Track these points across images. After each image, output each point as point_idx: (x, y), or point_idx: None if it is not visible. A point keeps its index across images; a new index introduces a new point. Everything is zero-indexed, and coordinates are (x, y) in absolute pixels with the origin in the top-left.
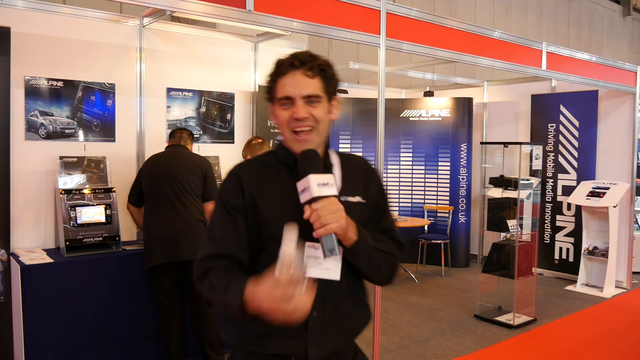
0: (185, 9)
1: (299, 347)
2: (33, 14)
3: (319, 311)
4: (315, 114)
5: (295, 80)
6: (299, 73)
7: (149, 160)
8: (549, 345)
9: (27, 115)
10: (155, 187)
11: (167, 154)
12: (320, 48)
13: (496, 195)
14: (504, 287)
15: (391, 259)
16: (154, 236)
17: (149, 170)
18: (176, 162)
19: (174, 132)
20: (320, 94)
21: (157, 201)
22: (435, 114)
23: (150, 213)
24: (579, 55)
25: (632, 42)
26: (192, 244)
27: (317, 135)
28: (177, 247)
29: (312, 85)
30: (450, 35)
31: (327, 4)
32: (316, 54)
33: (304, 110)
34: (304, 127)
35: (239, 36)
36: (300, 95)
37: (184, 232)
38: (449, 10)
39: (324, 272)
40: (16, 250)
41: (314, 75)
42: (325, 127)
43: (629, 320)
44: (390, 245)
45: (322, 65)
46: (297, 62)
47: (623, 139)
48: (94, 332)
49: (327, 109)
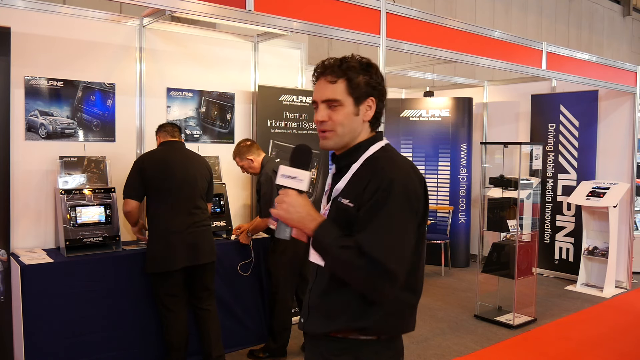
0: (185, 9)
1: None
2: (33, 14)
3: (310, 290)
4: (334, 117)
5: (319, 87)
6: (323, 80)
7: (155, 155)
8: (549, 345)
9: (27, 115)
10: (170, 187)
11: (175, 153)
12: (320, 48)
13: (496, 195)
14: (504, 287)
15: (352, 269)
16: (172, 240)
17: (158, 166)
18: (192, 164)
19: (165, 126)
20: (339, 98)
21: (174, 203)
22: (435, 114)
23: (162, 215)
24: (579, 55)
25: (632, 42)
26: (209, 247)
27: (336, 137)
28: (197, 251)
29: (331, 91)
30: (450, 35)
31: (327, 4)
32: (351, 58)
33: (323, 114)
34: (323, 129)
35: (239, 36)
36: (321, 99)
37: (203, 235)
38: (449, 10)
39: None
40: (16, 250)
41: (336, 81)
42: (350, 129)
43: (629, 320)
44: (350, 254)
45: (348, 69)
46: (322, 69)
47: (623, 139)
48: (94, 332)
49: (352, 112)
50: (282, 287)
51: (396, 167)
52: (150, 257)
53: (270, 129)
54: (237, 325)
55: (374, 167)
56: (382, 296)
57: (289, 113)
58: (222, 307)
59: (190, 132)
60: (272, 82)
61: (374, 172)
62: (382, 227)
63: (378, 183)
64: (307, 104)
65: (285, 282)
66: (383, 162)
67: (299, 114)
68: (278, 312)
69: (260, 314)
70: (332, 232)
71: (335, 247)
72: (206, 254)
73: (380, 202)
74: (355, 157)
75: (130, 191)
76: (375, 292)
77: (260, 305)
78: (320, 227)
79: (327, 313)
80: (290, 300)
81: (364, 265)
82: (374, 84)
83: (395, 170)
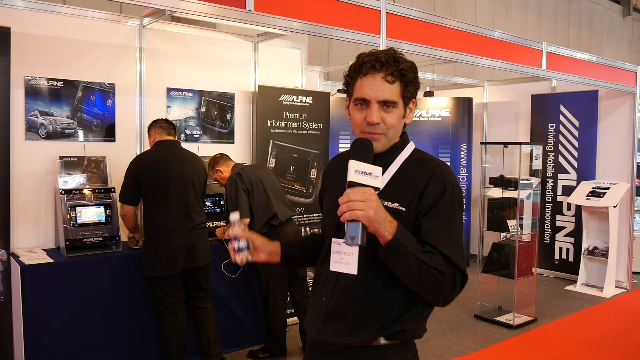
0: (185, 9)
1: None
2: (33, 14)
3: (328, 298)
4: (388, 120)
5: (374, 84)
6: (379, 76)
7: (151, 157)
8: (549, 345)
9: (27, 115)
10: (168, 189)
11: (172, 154)
12: (320, 48)
13: (496, 195)
14: (504, 287)
15: (437, 275)
16: (171, 243)
17: (155, 169)
18: (189, 165)
19: (160, 122)
20: (396, 100)
21: (171, 205)
22: (435, 114)
23: (160, 217)
24: (579, 55)
25: (632, 42)
26: (205, 249)
27: (385, 140)
28: (195, 253)
29: (389, 91)
30: (450, 35)
31: (327, 4)
32: (399, 55)
33: (378, 115)
34: (374, 132)
35: (239, 36)
36: (376, 99)
37: (200, 237)
38: (449, 10)
39: (344, 266)
40: (16, 250)
41: (394, 80)
42: (397, 131)
43: (629, 320)
44: (438, 261)
45: (404, 69)
46: (379, 64)
47: (623, 139)
48: (94, 332)
49: (401, 114)
50: (272, 288)
51: (449, 171)
52: (149, 259)
53: (270, 129)
54: (237, 325)
55: (428, 171)
56: (450, 300)
57: (289, 113)
58: (222, 308)
59: (190, 132)
60: (272, 82)
61: (431, 177)
62: (452, 232)
63: (441, 189)
64: (307, 104)
65: (275, 283)
66: (434, 166)
67: (299, 114)
68: (272, 314)
69: (259, 314)
70: (410, 235)
71: (419, 252)
72: (203, 256)
73: (447, 207)
74: (391, 158)
75: (126, 195)
76: (450, 296)
77: (260, 305)
78: (401, 230)
79: (356, 322)
80: (282, 301)
81: (449, 272)
82: (417, 85)
83: (451, 174)
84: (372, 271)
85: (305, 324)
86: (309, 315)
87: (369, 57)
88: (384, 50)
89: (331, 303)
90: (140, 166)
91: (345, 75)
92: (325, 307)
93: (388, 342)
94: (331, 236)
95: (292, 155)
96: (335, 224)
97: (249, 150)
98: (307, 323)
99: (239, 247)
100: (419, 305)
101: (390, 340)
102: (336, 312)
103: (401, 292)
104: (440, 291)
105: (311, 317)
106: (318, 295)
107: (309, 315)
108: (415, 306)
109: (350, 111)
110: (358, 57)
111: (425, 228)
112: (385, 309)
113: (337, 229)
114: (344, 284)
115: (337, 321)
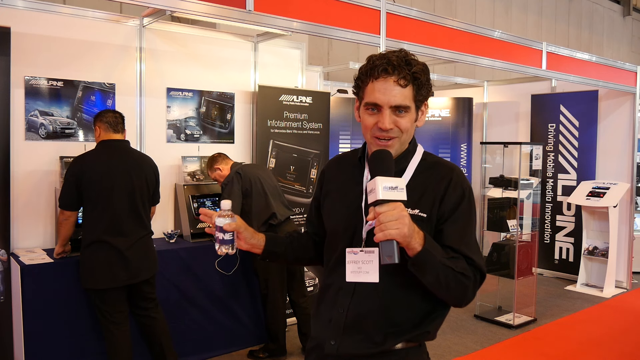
0: (185, 9)
1: (325, 334)
2: (33, 14)
3: (345, 309)
4: (401, 125)
5: (386, 88)
6: (392, 80)
7: (94, 160)
8: (549, 345)
9: (27, 115)
10: (110, 197)
11: (117, 157)
12: (320, 48)
13: (496, 195)
14: (504, 287)
15: (463, 279)
16: (110, 256)
17: (97, 174)
18: (138, 168)
19: (106, 116)
20: (409, 104)
21: (113, 214)
22: (435, 114)
23: (100, 227)
24: (579, 55)
25: (632, 42)
26: (151, 260)
27: (398, 144)
28: (140, 268)
29: (402, 95)
30: (450, 35)
31: (327, 4)
32: (411, 57)
33: (390, 120)
34: (387, 136)
35: (239, 36)
36: (388, 104)
37: (144, 248)
38: (449, 10)
39: (363, 275)
40: (16, 250)
41: (406, 84)
42: (409, 135)
43: (629, 320)
44: (463, 265)
45: (417, 72)
46: (391, 68)
47: (623, 139)
48: (94, 332)
49: (414, 118)
50: (271, 288)
51: (464, 175)
52: (86, 271)
53: (270, 129)
54: (237, 325)
55: (445, 176)
56: (470, 301)
57: (289, 113)
58: (222, 307)
59: (190, 132)
60: (272, 82)
61: (450, 182)
62: (472, 235)
63: (460, 193)
64: (307, 104)
65: (274, 283)
66: (450, 171)
67: (299, 114)
68: (271, 313)
69: (259, 314)
70: (435, 244)
71: (446, 259)
72: (148, 269)
73: (466, 211)
74: (405, 164)
75: (65, 200)
76: (472, 297)
77: (260, 305)
78: (428, 240)
79: (380, 331)
80: (281, 301)
81: (474, 275)
82: (430, 88)
83: (466, 178)
84: (391, 278)
85: (317, 336)
86: (318, 328)
87: (380, 60)
88: (395, 52)
89: (350, 314)
90: (80, 171)
91: (356, 77)
92: (344, 319)
93: (408, 345)
94: (343, 246)
95: (292, 155)
96: (347, 234)
97: (249, 150)
98: (318, 335)
99: (222, 239)
100: (439, 306)
101: (410, 343)
102: (357, 322)
103: (420, 295)
104: (465, 294)
105: (323, 329)
106: (331, 306)
107: (318, 328)
108: (435, 308)
109: (360, 114)
110: (369, 60)
111: (447, 233)
112: (407, 314)
113: (352, 239)
114: (363, 293)
115: (358, 332)
